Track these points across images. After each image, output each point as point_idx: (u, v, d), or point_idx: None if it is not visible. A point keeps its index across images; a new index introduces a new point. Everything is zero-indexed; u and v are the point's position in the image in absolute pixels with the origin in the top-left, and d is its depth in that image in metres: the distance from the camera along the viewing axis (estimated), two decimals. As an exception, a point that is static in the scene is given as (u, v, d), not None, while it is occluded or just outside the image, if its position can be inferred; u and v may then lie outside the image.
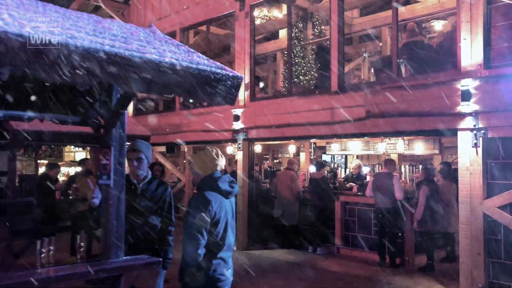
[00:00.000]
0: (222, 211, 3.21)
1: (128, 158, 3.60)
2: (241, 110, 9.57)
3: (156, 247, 3.73)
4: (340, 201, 9.10)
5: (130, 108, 13.09)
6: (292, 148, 11.73)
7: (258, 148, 12.25)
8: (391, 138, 9.82)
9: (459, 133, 6.33)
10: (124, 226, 3.18)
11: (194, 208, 3.15)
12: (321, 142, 12.51)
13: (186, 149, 14.51)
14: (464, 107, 6.17)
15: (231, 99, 2.44)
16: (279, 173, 10.08)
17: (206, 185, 3.25)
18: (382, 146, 9.82)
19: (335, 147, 11.17)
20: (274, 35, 13.54)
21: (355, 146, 11.65)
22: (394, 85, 7.14)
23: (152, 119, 12.15)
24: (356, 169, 10.60)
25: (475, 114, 6.13)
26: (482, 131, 6.07)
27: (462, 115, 6.25)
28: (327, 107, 7.94)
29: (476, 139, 6.10)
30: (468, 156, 6.20)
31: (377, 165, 12.85)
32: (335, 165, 13.05)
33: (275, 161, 16.58)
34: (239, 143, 9.61)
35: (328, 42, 8.33)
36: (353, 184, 10.00)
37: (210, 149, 3.39)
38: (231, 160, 12.41)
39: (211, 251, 3.15)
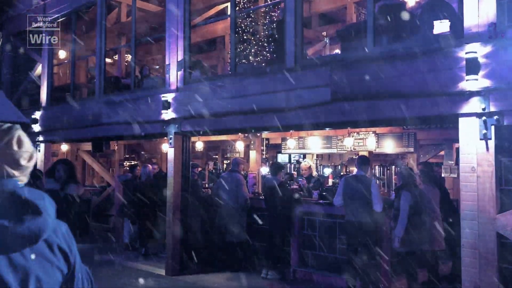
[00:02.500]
0: None
1: None
2: (173, 95, 7.46)
3: None
4: (296, 211, 7.20)
5: (44, 96, 10.64)
6: (240, 145, 9.73)
7: (199, 145, 10.15)
8: (360, 132, 8.02)
9: (461, 120, 4.55)
10: None
11: None
12: (275, 139, 10.59)
13: (116, 147, 12.24)
14: (470, 83, 4.38)
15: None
16: (222, 176, 8.04)
17: None
18: (349, 142, 7.96)
19: (292, 145, 9.26)
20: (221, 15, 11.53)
21: (315, 143, 9.81)
22: (369, 57, 5.30)
23: (72, 109, 9.79)
24: (306, 171, 8.55)
25: (484, 93, 4.35)
26: (495, 117, 4.30)
27: (466, 95, 4.46)
28: (281, 89, 5.99)
29: (486, 128, 4.32)
30: (475, 153, 4.42)
31: (339, 166, 11.08)
32: (294, 166, 11.08)
33: (225, 161, 14.53)
34: (170, 138, 7.49)
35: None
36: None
37: None
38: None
39: None
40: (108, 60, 13.78)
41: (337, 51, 8.95)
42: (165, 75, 7.76)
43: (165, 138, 8.12)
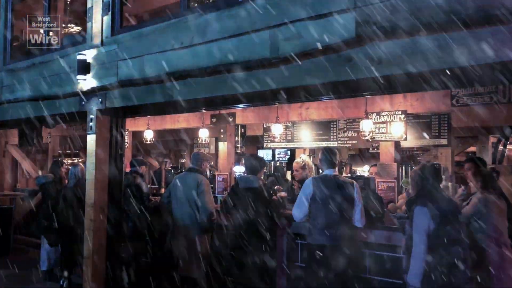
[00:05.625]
0: None
1: None
2: (94, 51, 4.81)
3: None
4: (283, 231, 4.65)
5: None
6: (204, 134, 7.00)
7: (149, 135, 7.44)
8: (382, 112, 5.40)
9: None
10: None
11: None
12: (255, 127, 8.03)
13: (49, 140, 9.52)
14: None
15: None
16: (177, 178, 5.37)
17: None
18: (367, 126, 5.26)
19: (278, 132, 6.49)
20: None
21: (308, 134, 7.31)
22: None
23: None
24: (299, 172, 5.61)
25: None
26: None
27: None
28: (263, 27, 3.41)
29: None
30: None
31: (344, 166, 8.50)
32: (280, 165, 8.30)
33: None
34: (90, 119, 4.84)
35: None
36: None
37: None
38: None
39: None
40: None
41: None
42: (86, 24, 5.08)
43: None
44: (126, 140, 7.92)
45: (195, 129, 7.05)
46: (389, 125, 5.33)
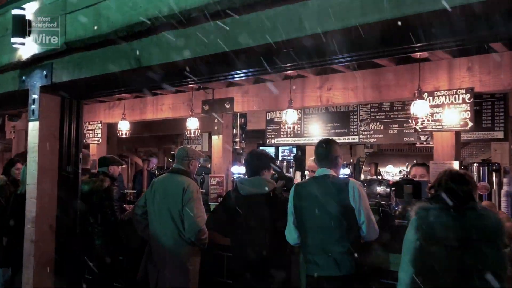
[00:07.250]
0: None
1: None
2: (36, 5, 3.43)
3: None
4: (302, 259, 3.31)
5: None
6: (193, 124, 5.51)
7: (124, 126, 5.98)
8: (439, 91, 3.93)
9: None
10: None
11: None
12: (257, 118, 6.71)
13: (14, 135, 8.14)
14: None
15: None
16: (155, 182, 4.00)
17: None
18: (420, 109, 3.62)
19: (291, 119, 4.95)
20: None
21: (319, 127, 6.01)
22: None
23: None
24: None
25: None
26: None
27: None
28: None
29: None
30: None
31: (352, 166, 7.17)
32: (289, 164, 6.88)
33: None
34: (33, 100, 3.47)
35: None
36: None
37: None
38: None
39: None
40: None
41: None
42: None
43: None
44: (99, 135, 6.57)
45: (184, 119, 5.69)
46: (447, 109, 3.94)
